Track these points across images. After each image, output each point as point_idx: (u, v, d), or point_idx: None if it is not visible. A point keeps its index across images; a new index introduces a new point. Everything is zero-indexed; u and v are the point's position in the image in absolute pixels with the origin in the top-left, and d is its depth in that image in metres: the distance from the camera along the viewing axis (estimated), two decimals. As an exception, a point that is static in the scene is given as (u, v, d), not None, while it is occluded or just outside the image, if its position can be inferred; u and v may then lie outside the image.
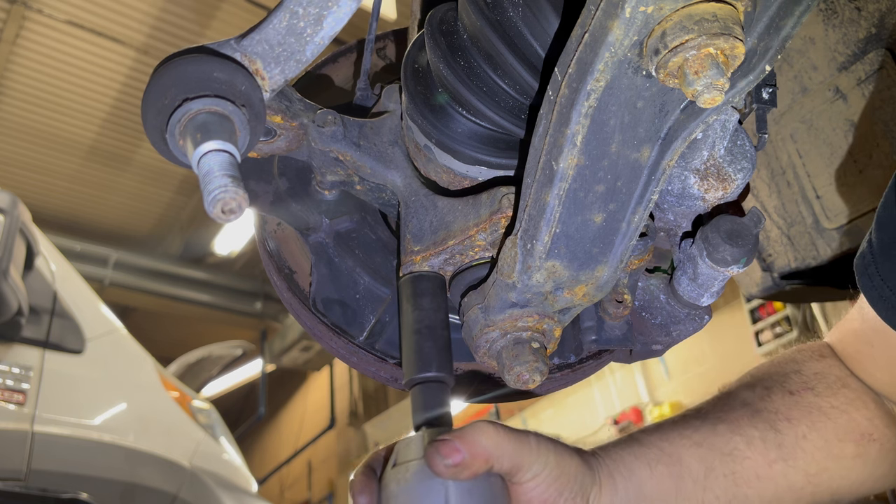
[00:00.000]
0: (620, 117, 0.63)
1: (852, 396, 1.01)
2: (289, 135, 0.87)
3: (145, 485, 3.54)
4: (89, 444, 3.42)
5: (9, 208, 3.12)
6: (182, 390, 4.24)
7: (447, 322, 0.81)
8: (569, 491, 0.78)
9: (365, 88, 1.01)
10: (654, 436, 0.92)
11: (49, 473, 3.21)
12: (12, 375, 3.30)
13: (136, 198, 9.48)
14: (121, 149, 8.63)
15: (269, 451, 13.54)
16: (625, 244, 0.74)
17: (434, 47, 0.85)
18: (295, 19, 0.72)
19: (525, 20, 0.78)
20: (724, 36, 0.54)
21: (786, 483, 0.94)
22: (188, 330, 11.25)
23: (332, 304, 0.90)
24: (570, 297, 0.77)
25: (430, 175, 0.90)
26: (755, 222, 0.79)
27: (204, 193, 0.60)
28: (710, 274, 0.80)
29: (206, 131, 0.64)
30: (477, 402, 0.97)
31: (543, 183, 0.69)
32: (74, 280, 3.97)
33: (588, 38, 0.59)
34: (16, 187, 8.31)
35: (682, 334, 0.88)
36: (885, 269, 0.94)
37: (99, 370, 3.72)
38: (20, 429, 3.22)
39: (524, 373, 0.75)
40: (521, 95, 0.82)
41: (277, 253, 0.95)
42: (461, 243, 0.83)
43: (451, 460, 0.68)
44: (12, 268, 3.00)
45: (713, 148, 0.79)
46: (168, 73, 0.67)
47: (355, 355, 0.91)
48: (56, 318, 3.61)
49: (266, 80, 0.74)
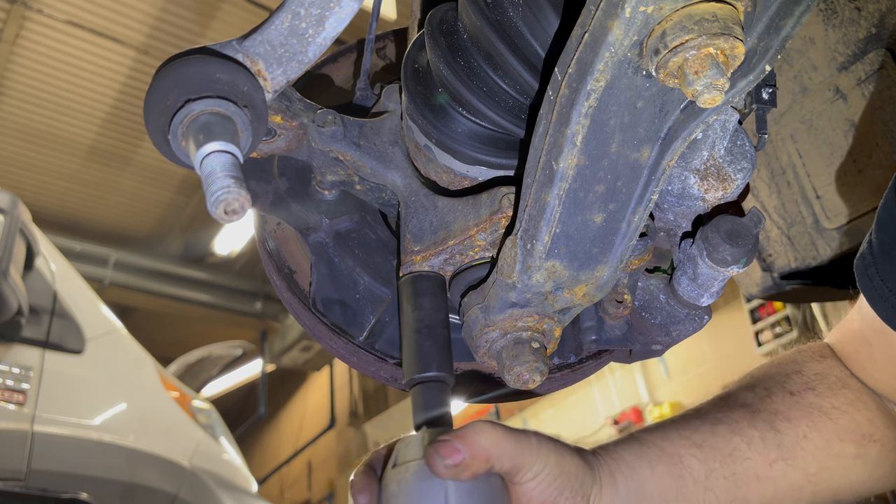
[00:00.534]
0: (620, 117, 0.63)
1: (853, 397, 1.01)
2: (289, 134, 0.87)
3: (145, 485, 3.54)
4: (89, 444, 3.42)
5: (9, 208, 3.12)
6: (182, 390, 4.24)
7: (447, 322, 0.81)
8: (569, 490, 0.78)
9: (365, 88, 1.01)
10: (654, 435, 0.92)
11: (49, 473, 3.21)
12: (12, 375, 3.30)
13: (136, 198, 9.48)
14: (121, 149, 8.62)
15: (269, 451, 13.54)
16: (625, 244, 0.74)
17: (434, 47, 0.85)
18: (297, 20, 0.72)
19: (525, 20, 0.78)
20: (724, 36, 0.54)
21: (786, 483, 0.94)
22: (188, 330, 11.25)
23: (331, 303, 0.90)
24: (570, 297, 0.77)
25: (430, 175, 0.90)
26: (755, 222, 0.79)
27: (207, 194, 0.60)
28: (710, 274, 0.80)
29: (208, 132, 0.64)
30: (477, 402, 0.97)
31: (543, 183, 0.69)
32: (74, 280, 3.97)
33: (588, 38, 0.59)
34: (16, 187, 8.31)
35: (682, 334, 0.88)
36: (885, 270, 0.94)
37: (99, 370, 3.72)
38: (20, 429, 3.22)
39: (524, 373, 0.75)
40: (521, 95, 0.82)
41: (277, 253, 0.95)
42: (461, 243, 0.83)
43: (451, 460, 0.68)
44: (12, 268, 3.00)
45: (713, 148, 0.79)
46: (170, 74, 0.67)
47: (355, 355, 0.91)
48: (56, 318, 3.61)
49: (268, 80, 0.74)
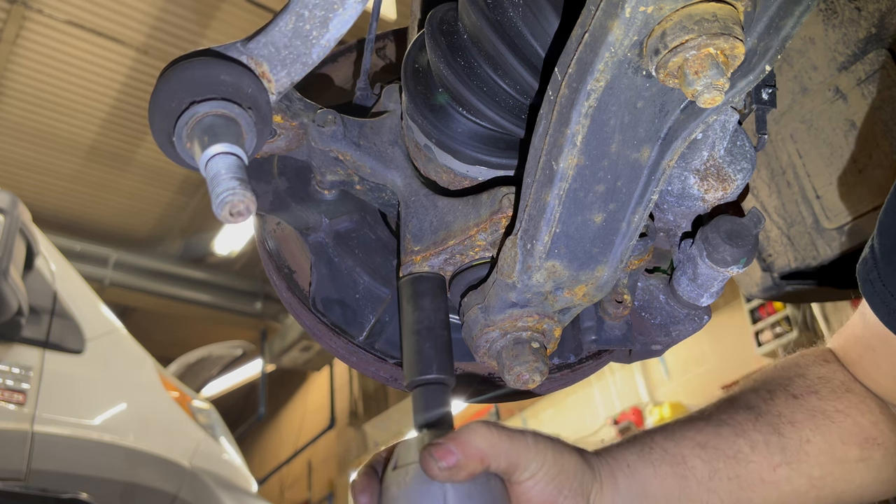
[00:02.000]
0: (620, 117, 0.63)
1: (856, 401, 1.01)
2: (289, 134, 0.87)
3: (145, 485, 3.54)
4: (89, 444, 3.42)
5: (9, 208, 3.12)
6: (182, 390, 4.24)
7: (448, 322, 0.81)
8: (568, 489, 0.78)
9: (365, 88, 1.01)
10: (657, 436, 0.92)
11: (49, 473, 3.21)
12: (12, 375, 3.30)
13: (136, 198, 9.48)
14: (121, 149, 8.62)
15: (269, 451, 13.53)
16: (625, 244, 0.74)
17: (434, 47, 0.85)
18: (301, 22, 0.72)
19: (525, 20, 0.78)
20: (724, 36, 0.54)
21: (790, 487, 0.94)
22: (188, 330, 11.24)
23: (331, 303, 0.90)
24: (570, 297, 0.77)
25: (430, 175, 0.90)
26: (755, 223, 0.79)
27: (212, 196, 0.60)
28: (710, 274, 0.80)
29: (213, 134, 0.64)
30: (477, 401, 0.97)
31: (543, 183, 0.69)
32: (74, 280, 3.97)
33: (588, 38, 0.59)
34: (16, 187, 8.30)
35: (682, 334, 0.88)
36: (887, 275, 0.94)
37: (99, 370, 3.72)
38: (20, 429, 3.22)
39: (524, 373, 0.75)
40: (521, 95, 0.82)
41: (277, 252, 0.95)
42: (461, 243, 0.83)
43: (445, 462, 0.68)
44: (12, 268, 3.00)
45: (713, 148, 0.79)
46: (175, 76, 0.67)
47: (355, 355, 0.91)
48: (56, 318, 3.61)
49: (272, 82, 0.74)
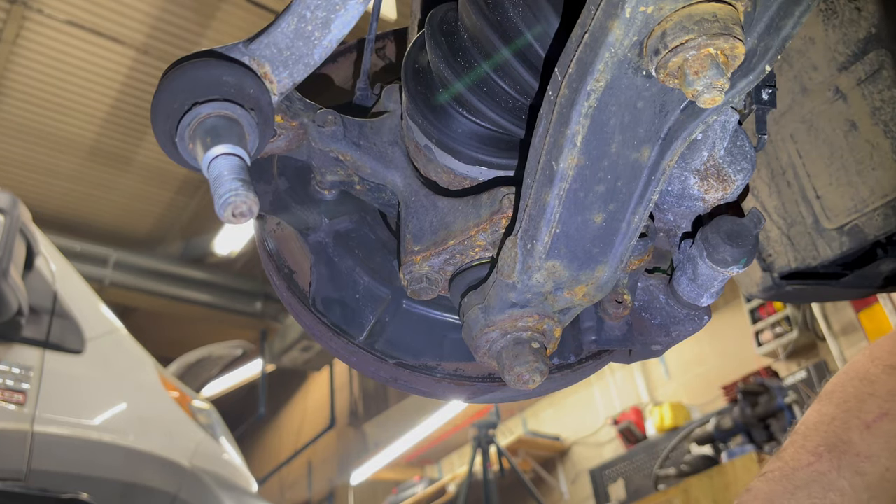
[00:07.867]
0: (620, 117, 0.63)
1: None
2: (289, 134, 0.87)
3: (145, 485, 3.53)
4: (89, 444, 3.42)
5: (9, 208, 3.12)
6: (182, 390, 4.23)
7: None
8: None
9: (365, 88, 1.01)
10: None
11: (49, 473, 3.21)
12: (12, 375, 3.30)
13: (136, 198, 9.47)
14: (121, 149, 8.62)
15: (269, 451, 13.53)
16: (625, 244, 0.74)
17: (435, 47, 0.85)
18: (303, 23, 0.72)
19: (525, 20, 0.78)
20: (724, 36, 0.54)
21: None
22: (188, 330, 11.24)
23: (331, 303, 0.90)
24: (570, 298, 0.77)
25: (431, 175, 0.90)
26: (755, 223, 0.79)
27: (214, 197, 0.60)
28: (710, 274, 0.80)
29: (215, 135, 0.64)
30: (477, 402, 0.97)
31: (543, 183, 0.69)
32: (74, 280, 3.96)
33: (588, 38, 0.59)
34: (16, 187, 8.30)
35: (682, 335, 0.88)
36: None
37: (99, 370, 3.71)
38: (20, 429, 3.21)
39: (524, 373, 0.75)
40: (521, 95, 0.82)
41: (277, 252, 0.95)
42: (461, 243, 0.83)
43: None
44: (12, 268, 3.00)
45: (713, 148, 0.79)
46: (177, 77, 0.67)
47: (355, 355, 0.90)
48: (56, 318, 3.61)
49: (274, 83, 0.74)
